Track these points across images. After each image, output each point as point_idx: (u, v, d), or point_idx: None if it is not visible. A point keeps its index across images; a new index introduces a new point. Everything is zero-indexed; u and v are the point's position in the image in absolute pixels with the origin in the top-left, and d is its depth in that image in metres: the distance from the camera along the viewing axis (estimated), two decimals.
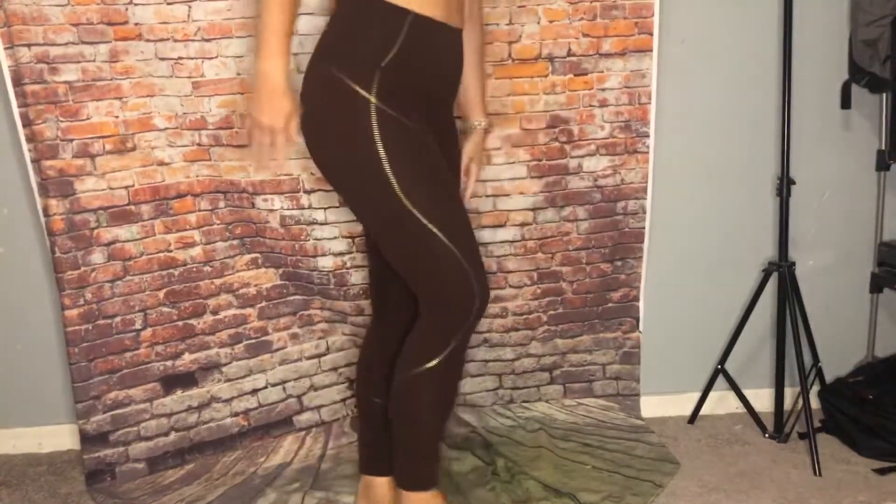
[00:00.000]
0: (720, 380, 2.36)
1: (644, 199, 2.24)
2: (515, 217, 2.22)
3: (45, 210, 2.02)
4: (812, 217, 2.35)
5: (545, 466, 2.12)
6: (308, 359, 2.27)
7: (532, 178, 2.20)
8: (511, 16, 2.09)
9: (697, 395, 2.39)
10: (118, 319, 2.10)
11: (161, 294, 2.13)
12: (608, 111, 2.17)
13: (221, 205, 2.13)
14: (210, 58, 2.00)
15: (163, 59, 2.00)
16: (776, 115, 2.27)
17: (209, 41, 1.99)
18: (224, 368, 2.21)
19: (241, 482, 2.10)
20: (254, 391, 2.25)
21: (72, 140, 2.00)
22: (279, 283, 2.21)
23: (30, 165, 2.01)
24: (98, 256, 2.06)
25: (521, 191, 2.20)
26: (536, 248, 2.25)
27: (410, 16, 1.60)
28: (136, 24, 1.97)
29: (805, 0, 2.19)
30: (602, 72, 2.15)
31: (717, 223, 2.35)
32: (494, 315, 2.29)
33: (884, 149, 2.29)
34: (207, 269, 2.16)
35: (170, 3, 1.97)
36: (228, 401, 2.23)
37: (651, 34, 2.13)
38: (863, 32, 2.16)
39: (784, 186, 2.23)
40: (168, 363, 2.16)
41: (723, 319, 2.39)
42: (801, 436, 2.26)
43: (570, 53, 2.13)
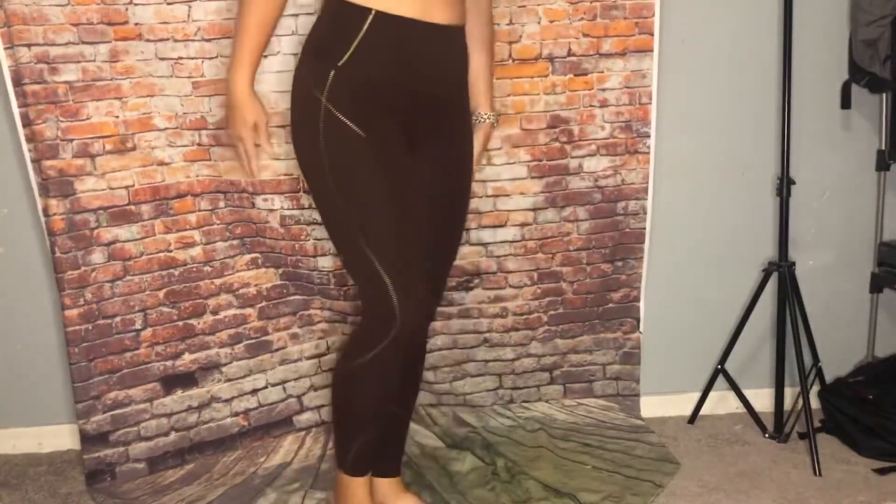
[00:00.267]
0: (720, 380, 2.36)
1: (644, 200, 2.24)
2: (516, 217, 2.22)
3: (45, 210, 2.01)
4: (812, 217, 2.35)
5: (545, 466, 2.12)
6: (308, 359, 2.27)
7: (532, 179, 2.19)
8: (511, 16, 2.08)
9: (697, 395, 2.39)
10: (118, 319, 2.10)
11: (161, 294, 2.13)
12: (609, 111, 2.17)
13: (221, 205, 2.13)
14: (210, 58, 2.00)
15: (163, 59, 2.00)
16: (776, 115, 2.27)
17: (209, 41, 1.99)
18: (224, 368, 2.21)
19: (241, 482, 2.10)
20: (254, 391, 2.25)
21: (72, 140, 1.99)
22: (279, 283, 2.21)
23: (30, 165, 2.00)
24: (98, 256, 2.06)
25: (522, 191, 2.20)
26: (537, 249, 2.25)
27: (371, 14, 1.57)
28: (136, 24, 1.97)
29: (805, 0, 2.19)
30: (602, 72, 2.15)
31: (717, 223, 2.34)
32: (494, 315, 2.29)
33: (884, 149, 2.29)
34: (207, 269, 2.16)
35: (170, 3, 1.97)
36: (228, 401, 2.23)
37: (651, 34, 2.13)
38: (863, 32, 2.16)
39: (784, 186, 2.23)
40: (168, 363, 2.16)
41: (723, 319, 2.39)
42: (801, 436, 2.27)
43: (571, 53, 2.13)
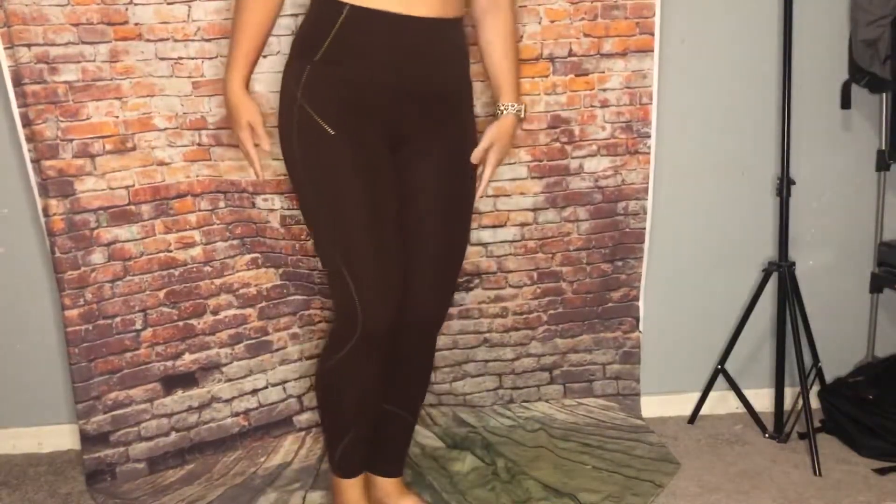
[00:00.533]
0: (720, 380, 2.36)
1: (645, 200, 2.24)
2: (516, 217, 2.22)
3: (45, 210, 2.01)
4: (812, 217, 2.35)
5: (545, 466, 2.12)
6: (308, 359, 2.27)
7: (533, 179, 2.19)
8: None
9: (697, 395, 2.39)
10: (118, 319, 2.10)
11: (161, 294, 2.13)
12: (609, 111, 2.17)
13: (221, 205, 2.13)
14: (210, 58, 2.00)
15: (163, 59, 2.00)
16: (776, 115, 2.27)
17: (209, 41, 1.99)
18: (224, 368, 2.21)
19: (242, 482, 2.10)
20: (254, 391, 2.25)
21: (72, 140, 1.99)
22: (279, 283, 2.21)
23: (30, 165, 2.00)
24: (98, 256, 2.06)
25: (522, 191, 2.20)
26: (537, 249, 2.25)
27: (347, 8, 1.55)
28: (136, 24, 1.97)
29: (805, 0, 2.19)
30: (603, 72, 2.14)
31: (717, 223, 2.35)
32: (494, 315, 2.28)
33: (884, 149, 2.29)
34: (207, 269, 2.15)
35: (170, 3, 1.97)
36: (229, 401, 2.23)
37: (652, 34, 2.13)
38: (863, 32, 2.16)
39: (784, 186, 2.23)
40: (168, 363, 2.16)
41: (723, 319, 2.39)
42: (801, 436, 2.27)
43: (571, 53, 2.13)
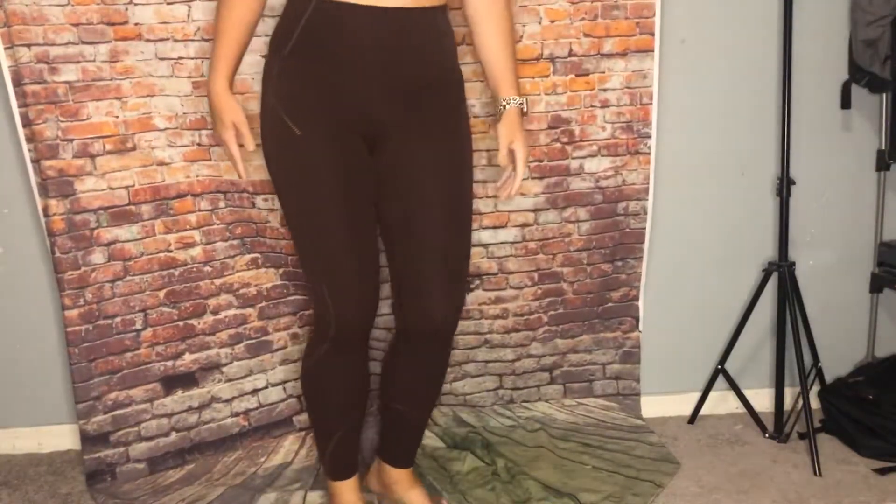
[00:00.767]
0: (720, 380, 2.36)
1: (645, 200, 2.23)
2: (516, 218, 2.22)
3: (45, 210, 2.01)
4: (812, 217, 2.35)
5: (545, 466, 2.12)
6: None
7: (533, 179, 2.19)
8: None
9: (697, 395, 2.39)
10: (118, 320, 2.10)
11: (161, 294, 2.13)
12: (610, 112, 2.17)
13: (222, 205, 2.13)
14: (210, 58, 1.99)
15: (163, 59, 2.00)
16: (776, 116, 2.27)
17: (209, 41, 1.98)
18: (224, 368, 2.21)
19: (242, 482, 2.10)
20: (254, 391, 2.25)
21: (72, 140, 1.99)
22: (279, 283, 2.21)
23: (30, 165, 2.00)
24: (98, 256, 2.06)
25: (522, 192, 2.19)
26: (537, 249, 2.25)
27: (313, 2, 1.55)
28: (136, 24, 1.97)
29: (805, 0, 2.19)
30: (603, 72, 2.14)
31: (717, 223, 2.35)
32: (495, 316, 2.28)
33: (884, 149, 2.29)
34: (207, 269, 2.15)
35: (170, 3, 1.97)
36: (229, 401, 2.23)
37: (652, 34, 2.12)
38: (863, 32, 2.16)
39: (784, 186, 2.23)
40: (168, 363, 2.16)
41: (723, 319, 2.39)
42: (801, 436, 2.27)
43: (572, 54, 2.12)
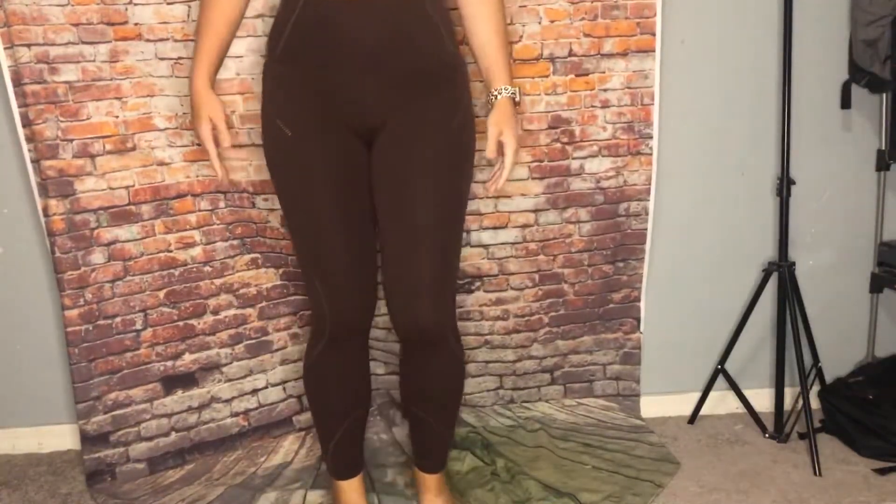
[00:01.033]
0: (720, 380, 2.36)
1: (646, 201, 2.23)
2: (517, 219, 2.22)
3: (45, 210, 2.01)
4: (812, 217, 2.35)
5: (545, 466, 2.12)
6: None
7: (533, 180, 2.19)
8: (512, 16, 2.08)
9: (697, 395, 2.39)
10: (118, 320, 2.10)
11: (161, 294, 2.13)
12: (610, 112, 2.17)
13: (221, 205, 2.13)
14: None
15: (163, 59, 2.00)
16: (776, 115, 2.27)
17: None
18: (224, 368, 2.21)
19: (242, 482, 2.10)
20: (254, 391, 2.25)
21: (72, 140, 1.99)
22: (279, 283, 2.21)
23: (30, 165, 2.00)
24: (98, 256, 2.06)
25: (523, 192, 2.19)
26: (538, 250, 2.25)
27: (301, 1, 1.57)
28: (136, 24, 1.97)
29: (805, 0, 2.19)
30: (604, 72, 2.14)
31: (718, 223, 2.34)
32: (496, 317, 2.28)
33: (884, 149, 2.29)
34: (207, 269, 2.15)
35: (170, 3, 1.96)
36: (229, 401, 2.23)
37: (653, 34, 2.12)
38: (863, 32, 2.16)
39: (784, 186, 2.23)
40: (168, 363, 2.16)
41: (723, 319, 2.39)
42: (801, 436, 2.27)
43: (572, 54, 2.12)
